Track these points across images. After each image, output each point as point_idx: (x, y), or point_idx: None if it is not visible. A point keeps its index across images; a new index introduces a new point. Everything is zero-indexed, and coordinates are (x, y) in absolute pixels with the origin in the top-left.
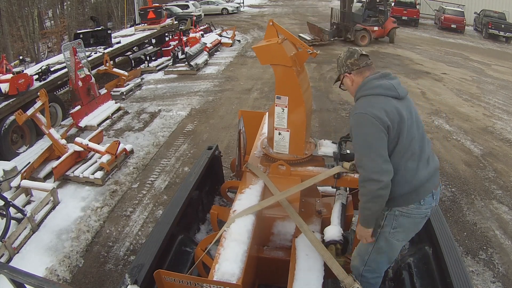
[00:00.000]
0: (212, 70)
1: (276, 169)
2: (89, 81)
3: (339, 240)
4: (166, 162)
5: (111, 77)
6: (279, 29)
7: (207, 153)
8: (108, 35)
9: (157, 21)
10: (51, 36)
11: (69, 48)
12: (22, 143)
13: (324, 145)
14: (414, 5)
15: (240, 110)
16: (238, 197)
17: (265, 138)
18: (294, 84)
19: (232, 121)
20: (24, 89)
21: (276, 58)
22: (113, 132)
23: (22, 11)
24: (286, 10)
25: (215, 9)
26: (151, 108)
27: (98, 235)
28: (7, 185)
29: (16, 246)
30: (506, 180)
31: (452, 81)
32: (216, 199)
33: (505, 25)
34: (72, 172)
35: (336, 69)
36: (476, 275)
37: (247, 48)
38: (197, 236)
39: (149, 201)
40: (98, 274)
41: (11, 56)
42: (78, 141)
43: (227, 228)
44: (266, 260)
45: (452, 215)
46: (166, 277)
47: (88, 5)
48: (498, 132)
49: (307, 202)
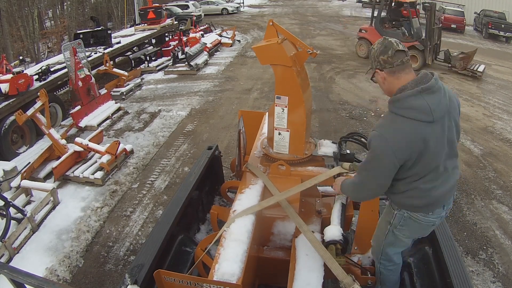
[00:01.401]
0: (212, 70)
1: (276, 169)
2: (89, 81)
3: (339, 240)
4: (166, 162)
5: (111, 77)
6: (279, 29)
7: (207, 153)
8: (108, 35)
9: (157, 21)
10: (51, 36)
11: (69, 48)
12: (22, 143)
13: (324, 145)
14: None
15: (240, 110)
16: (238, 197)
17: (265, 138)
18: (294, 84)
19: (232, 121)
20: (24, 89)
21: (276, 58)
22: (113, 132)
23: (22, 11)
24: (286, 10)
25: (215, 9)
26: (151, 108)
27: (98, 235)
28: (7, 185)
29: (16, 246)
30: (506, 180)
31: (452, 81)
32: (216, 199)
33: (505, 25)
34: (72, 172)
35: (369, 60)
36: (476, 275)
37: (247, 48)
38: (197, 236)
39: (149, 201)
40: (98, 274)
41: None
42: (78, 141)
43: (227, 228)
44: (266, 260)
45: (452, 215)
46: (166, 277)
47: (88, 5)
48: (498, 132)
49: (307, 202)
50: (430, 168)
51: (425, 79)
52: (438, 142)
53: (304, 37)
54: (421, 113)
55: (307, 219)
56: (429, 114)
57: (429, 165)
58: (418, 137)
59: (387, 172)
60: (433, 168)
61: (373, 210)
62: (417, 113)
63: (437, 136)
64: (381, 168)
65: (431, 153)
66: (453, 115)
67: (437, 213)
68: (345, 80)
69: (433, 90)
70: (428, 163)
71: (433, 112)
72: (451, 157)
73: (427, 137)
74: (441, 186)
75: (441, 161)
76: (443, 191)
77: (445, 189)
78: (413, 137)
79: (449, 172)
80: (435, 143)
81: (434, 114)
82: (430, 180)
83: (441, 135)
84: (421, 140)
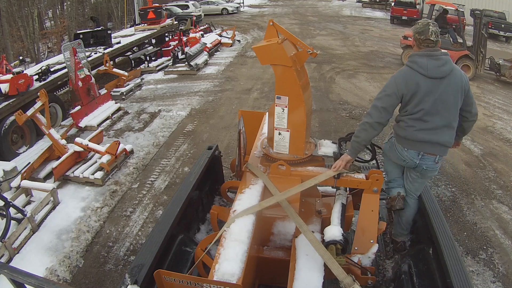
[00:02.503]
0: (212, 70)
1: (276, 169)
2: (89, 81)
3: (339, 240)
4: (166, 162)
5: (111, 77)
6: (279, 29)
7: (207, 153)
8: (108, 35)
9: (157, 21)
10: (51, 37)
11: (69, 48)
12: (22, 143)
13: (324, 145)
14: (414, 5)
15: (240, 110)
16: (238, 197)
17: (265, 138)
18: (294, 84)
19: (232, 121)
20: (24, 89)
21: (276, 58)
22: (113, 132)
23: (22, 11)
24: (286, 10)
25: (215, 9)
26: (151, 108)
27: (98, 235)
28: (7, 185)
29: (16, 246)
30: (506, 180)
31: None
32: (216, 199)
33: (505, 25)
34: (72, 172)
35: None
36: (476, 275)
37: (247, 48)
38: (197, 236)
39: (149, 201)
40: (98, 274)
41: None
42: (78, 141)
43: (227, 228)
44: (266, 260)
45: (452, 215)
46: (166, 277)
47: (88, 5)
48: (498, 132)
49: (307, 202)
50: (417, 110)
51: (435, 49)
52: (428, 92)
53: (304, 37)
54: (419, 67)
55: (307, 219)
56: (425, 69)
57: (417, 106)
58: (414, 81)
59: (389, 99)
60: (419, 111)
61: (373, 210)
62: (417, 66)
63: (429, 87)
64: (387, 96)
65: (421, 96)
66: (455, 87)
67: (410, 154)
68: (345, 80)
69: (435, 58)
70: (417, 104)
71: (428, 70)
72: (442, 116)
73: (420, 83)
74: (421, 132)
75: (428, 108)
76: (421, 137)
77: (424, 137)
78: (410, 79)
79: (433, 126)
80: (425, 91)
81: (429, 71)
82: (414, 119)
83: (433, 90)
84: (415, 83)
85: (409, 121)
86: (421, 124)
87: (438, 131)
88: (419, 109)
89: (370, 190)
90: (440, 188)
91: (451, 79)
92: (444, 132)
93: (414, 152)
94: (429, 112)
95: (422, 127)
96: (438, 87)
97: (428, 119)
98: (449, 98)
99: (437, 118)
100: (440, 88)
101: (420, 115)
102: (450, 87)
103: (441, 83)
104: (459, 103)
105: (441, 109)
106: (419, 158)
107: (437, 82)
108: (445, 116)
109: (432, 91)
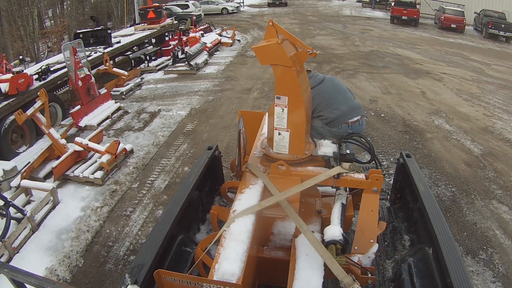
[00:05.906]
0: (212, 70)
1: (276, 169)
2: (89, 81)
3: (339, 240)
4: (166, 162)
5: (111, 77)
6: (279, 29)
7: (207, 153)
8: (108, 35)
9: (157, 21)
10: (51, 36)
11: (69, 48)
12: (22, 143)
13: (324, 145)
14: (414, 5)
15: (240, 110)
16: (238, 197)
17: (265, 138)
18: (294, 84)
19: (232, 121)
20: (24, 88)
21: (276, 58)
22: (113, 132)
23: (22, 10)
24: (286, 10)
25: (215, 8)
26: (151, 107)
27: (98, 235)
28: (7, 185)
29: (16, 246)
30: (506, 180)
31: (452, 80)
32: (216, 199)
33: (505, 25)
34: (72, 172)
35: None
36: (476, 275)
37: (247, 48)
38: (197, 236)
39: (149, 201)
40: (98, 274)
41: (11, 55)
42: (78, 141)
43: (227, 228)
44: (266, 260)
45: (452, 215)
46: (166, 277)
47: (88, 5)
48: (498, 132)
49: (307, 202)
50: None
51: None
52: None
53: (304, 37)
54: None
55: (307, 219)
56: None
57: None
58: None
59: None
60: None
61: (373, 210)
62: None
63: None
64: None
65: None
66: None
67: None
68: (345, 80)
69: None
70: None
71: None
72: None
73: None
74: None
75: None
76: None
77: None
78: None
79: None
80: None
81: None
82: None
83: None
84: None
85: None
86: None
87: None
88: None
89: (370, 190)
90: (440, 188)
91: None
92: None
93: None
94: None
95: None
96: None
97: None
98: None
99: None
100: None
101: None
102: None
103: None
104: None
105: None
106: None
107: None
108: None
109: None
